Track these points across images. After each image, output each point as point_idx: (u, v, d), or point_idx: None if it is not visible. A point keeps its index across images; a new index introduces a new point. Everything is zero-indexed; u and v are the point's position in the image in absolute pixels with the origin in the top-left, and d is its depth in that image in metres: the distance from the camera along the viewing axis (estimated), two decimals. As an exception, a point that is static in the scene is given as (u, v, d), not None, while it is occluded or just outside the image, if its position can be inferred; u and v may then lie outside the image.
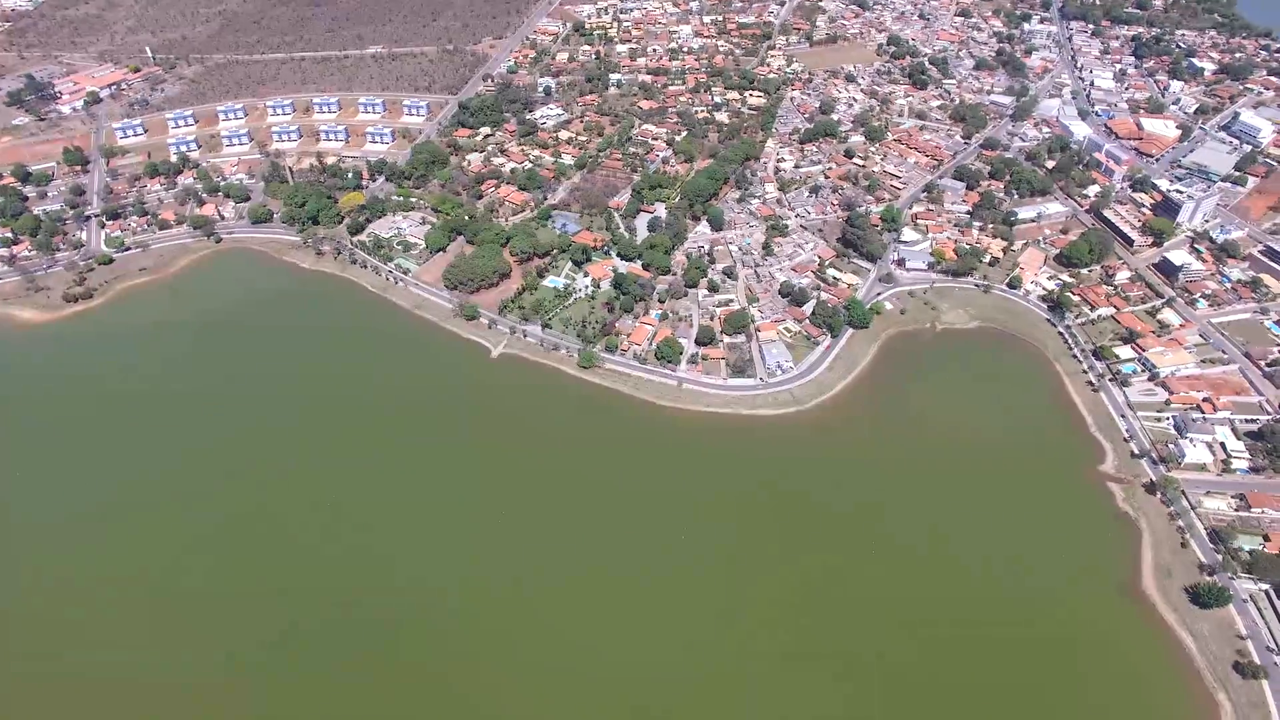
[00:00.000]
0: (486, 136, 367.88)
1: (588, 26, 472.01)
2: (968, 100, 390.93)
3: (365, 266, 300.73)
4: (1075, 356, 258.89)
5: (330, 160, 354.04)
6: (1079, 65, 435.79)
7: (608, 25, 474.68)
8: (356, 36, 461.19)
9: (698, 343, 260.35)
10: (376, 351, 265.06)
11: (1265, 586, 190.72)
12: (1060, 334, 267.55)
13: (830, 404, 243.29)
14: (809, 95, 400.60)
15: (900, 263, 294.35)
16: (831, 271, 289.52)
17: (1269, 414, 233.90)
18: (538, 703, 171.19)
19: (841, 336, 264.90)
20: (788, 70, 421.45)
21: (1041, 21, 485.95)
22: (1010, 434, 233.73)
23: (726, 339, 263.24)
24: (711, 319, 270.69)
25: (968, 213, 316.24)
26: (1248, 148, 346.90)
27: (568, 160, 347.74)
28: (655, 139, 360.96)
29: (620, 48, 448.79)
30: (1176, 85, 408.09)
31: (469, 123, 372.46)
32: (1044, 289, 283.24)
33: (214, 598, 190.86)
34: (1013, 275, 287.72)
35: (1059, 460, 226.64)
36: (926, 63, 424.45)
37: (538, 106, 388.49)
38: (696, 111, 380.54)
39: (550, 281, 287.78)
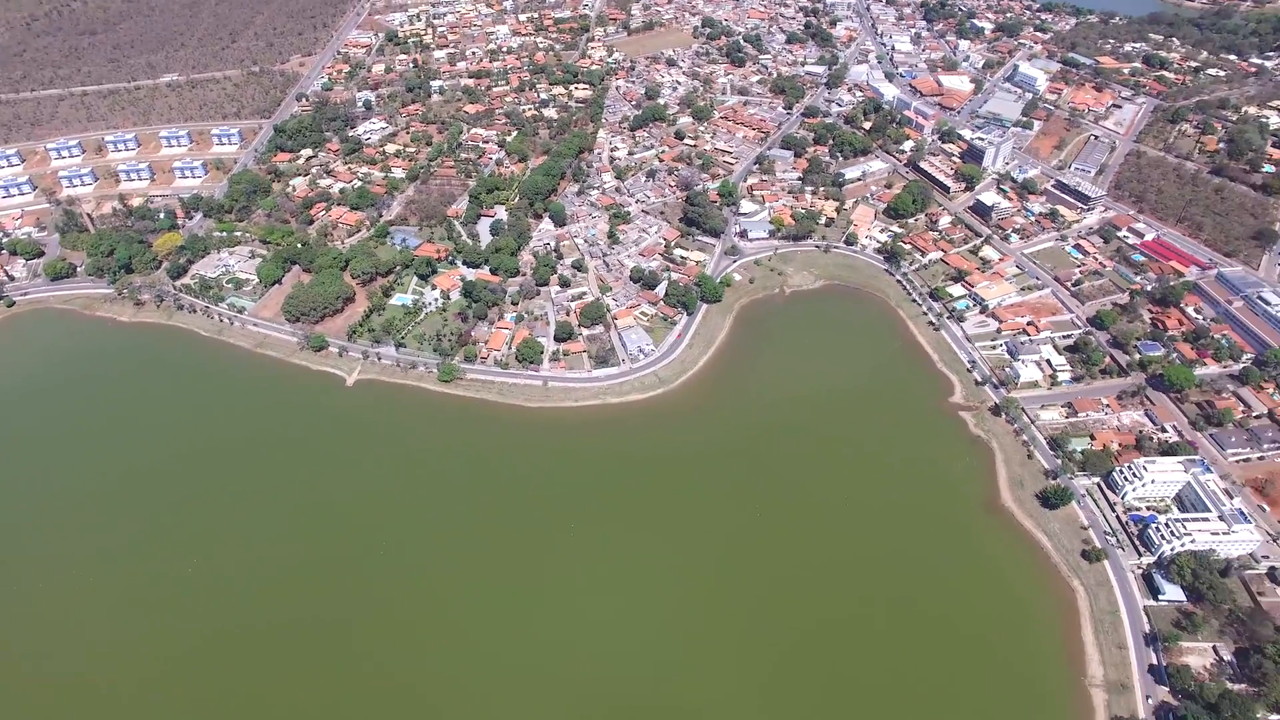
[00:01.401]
0: (309, 159, 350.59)
1: (401, 35, 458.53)
2: (784, 73, 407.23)
3: (195, 311, 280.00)
4: (914, 300, 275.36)
5: (136, 202, 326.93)
6: (880, 32, 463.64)
7: (422, 32, 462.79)
8: (146, 65, 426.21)
9: (557, 339, 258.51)
10: (222, 398, 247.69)
11: (1096, 479, 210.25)
12: (899, 282, 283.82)
13: (696, 380, 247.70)
14: (634, 83, 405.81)
15: (743, 234, 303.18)
16: (678, 251, 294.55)
17: (1079, 328, 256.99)
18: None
19: (697, 313, 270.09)
20: (609, 60, 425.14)
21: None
22: (867, 379, 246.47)
23: (585, 331, 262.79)
24: (568, 314, 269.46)
25: (799, 179, 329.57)
26: (1029, 95, 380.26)
27: (399, 174, 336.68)
28: (486, 142, 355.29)
29: (438, 54, 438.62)
30: (964, 44, 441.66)
31: (287, 146, 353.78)
32: (878, 242, 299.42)
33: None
34: (849, 233, 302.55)
35: (914, 398, 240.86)
36: (741, 41, 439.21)
37: (359, 122, 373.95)
38: (524, 110, 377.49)
39: (398, 299, 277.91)
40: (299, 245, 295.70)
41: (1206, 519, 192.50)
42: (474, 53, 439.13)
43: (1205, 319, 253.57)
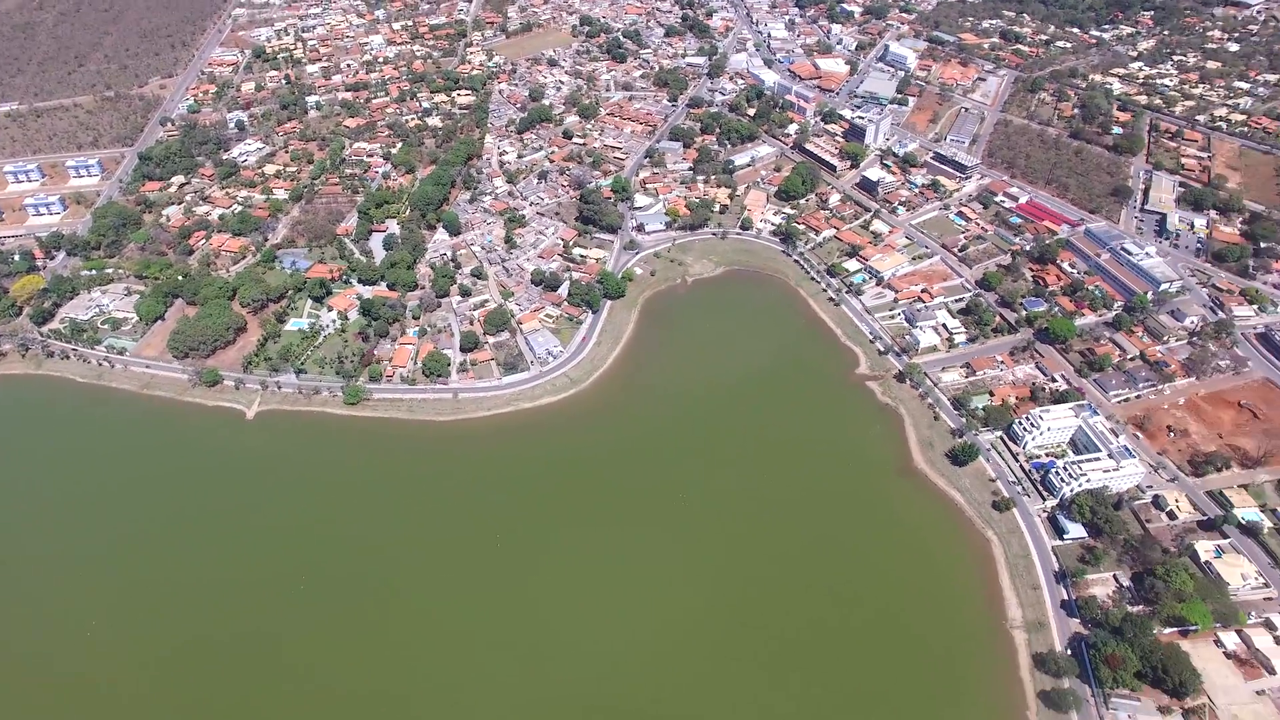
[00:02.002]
0: (182, 186, 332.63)
1: (270, 51, 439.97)
2: (666, 66, 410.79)
3: (68, 357, 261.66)
4: (813, 279, 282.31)
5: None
6: (755, 20, 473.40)
7: (292, 47, 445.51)
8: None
9: (463, 350, 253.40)
10: (111, 445, 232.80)
11: (998, 433, 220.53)
12: (796, 262, 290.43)
13: (608, 376, 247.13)
14: (517, 85, 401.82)
15: (640, 228, 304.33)
16: (578, 250, 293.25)
17: (970, 291, 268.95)
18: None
19: (602, 310, 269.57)
20: (490, 64, 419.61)
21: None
22: (776, 359, 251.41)
23: (491, 339, 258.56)
24: (471, 323, 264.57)
25: (690, 169, 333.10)
26: (901, 73, 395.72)
27: (281, 195, 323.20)
28: (370, 156, 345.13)
29: (311, 68, 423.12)
30: (836, 28, 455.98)
31: (156, 174, 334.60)
32: (773, 224, 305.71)
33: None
34: (743, 218, 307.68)
35: (822, 373, 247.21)
36: (621, 37, 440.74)
37: (233, 144, 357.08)
38: (407, 120, 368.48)
39: (293, 324, 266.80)
40: (180, 277, 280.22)
41: (1098, 459, 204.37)
42: (349, 65, 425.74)
43: (1079, 273, 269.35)
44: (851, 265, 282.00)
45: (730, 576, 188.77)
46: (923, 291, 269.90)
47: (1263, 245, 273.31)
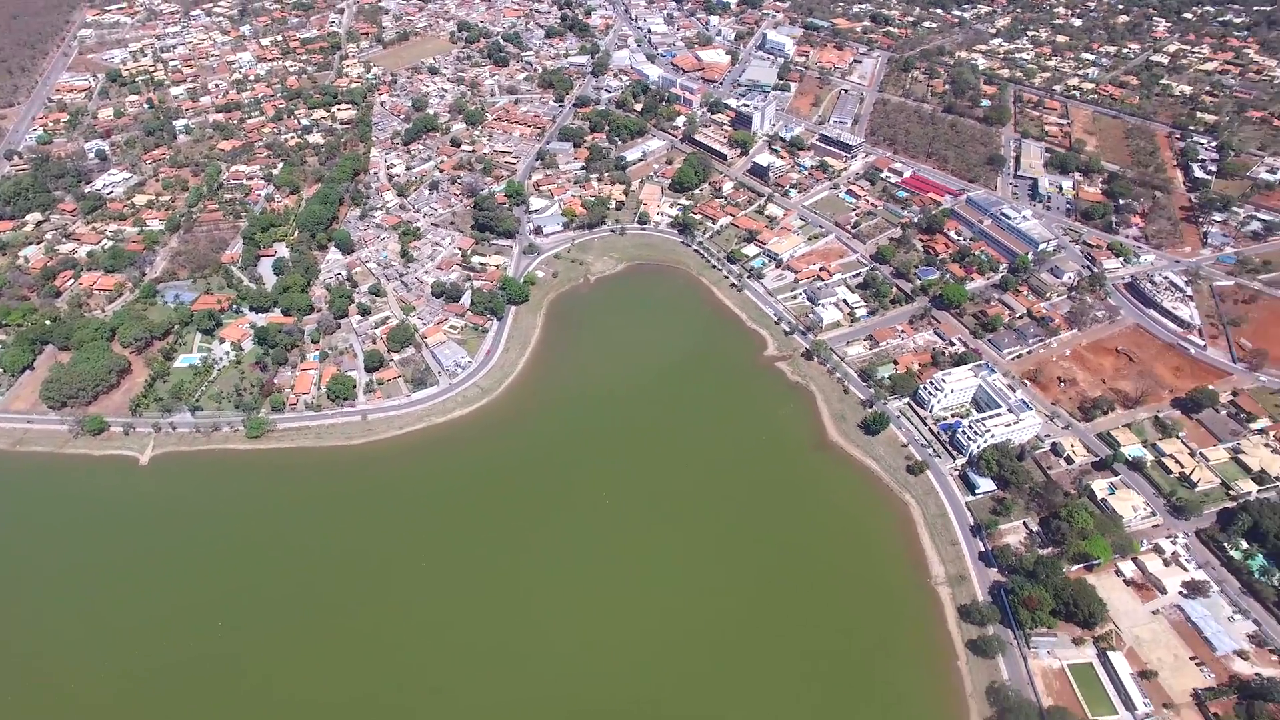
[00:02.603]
0: (39, 224, 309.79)
1: (126, 74, 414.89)
2: (549, 67, 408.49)
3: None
4: (714, 266, 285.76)
5: None
6: (634, 17, 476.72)
7: (151, 68, 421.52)
8: None
9: (368, 370, 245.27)
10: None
11: (906, 399, 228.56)
12: (696, 251, 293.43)
13: (519, 382, 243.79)
14: (399, 96, 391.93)
15: (538, 231, 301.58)
16: (476, 258, 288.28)
17: (866, 266, 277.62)
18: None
19: (507, 317, 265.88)
20: (369, 76, 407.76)
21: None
22: (685, 349, 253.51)
23: (396, 356, 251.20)
24: (374, 342, 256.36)
25: (582, 168, 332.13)
26: (781, 60, 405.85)
27: (156, 226, 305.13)
28: (250, 179, 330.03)
29: (175, 90, 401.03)
30: (714, 20, 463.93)
31: (6, 213, 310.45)
32: (669, 217, 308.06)
33: None
34: (640, 212, 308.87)
35: (732, 358, 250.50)
36: (501, 40, 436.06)
37: (95, 175, 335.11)
38: (287, 139, 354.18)
39: (183, 361, 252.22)
40: (48, 322, 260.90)
41: (1000, 414, 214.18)
42: (218, 85, 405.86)
43: (965, 239, 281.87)
44: (750, 250, 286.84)
45: (664, 565, 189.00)
46: (821, 270, 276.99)
47: (1121, 202, 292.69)
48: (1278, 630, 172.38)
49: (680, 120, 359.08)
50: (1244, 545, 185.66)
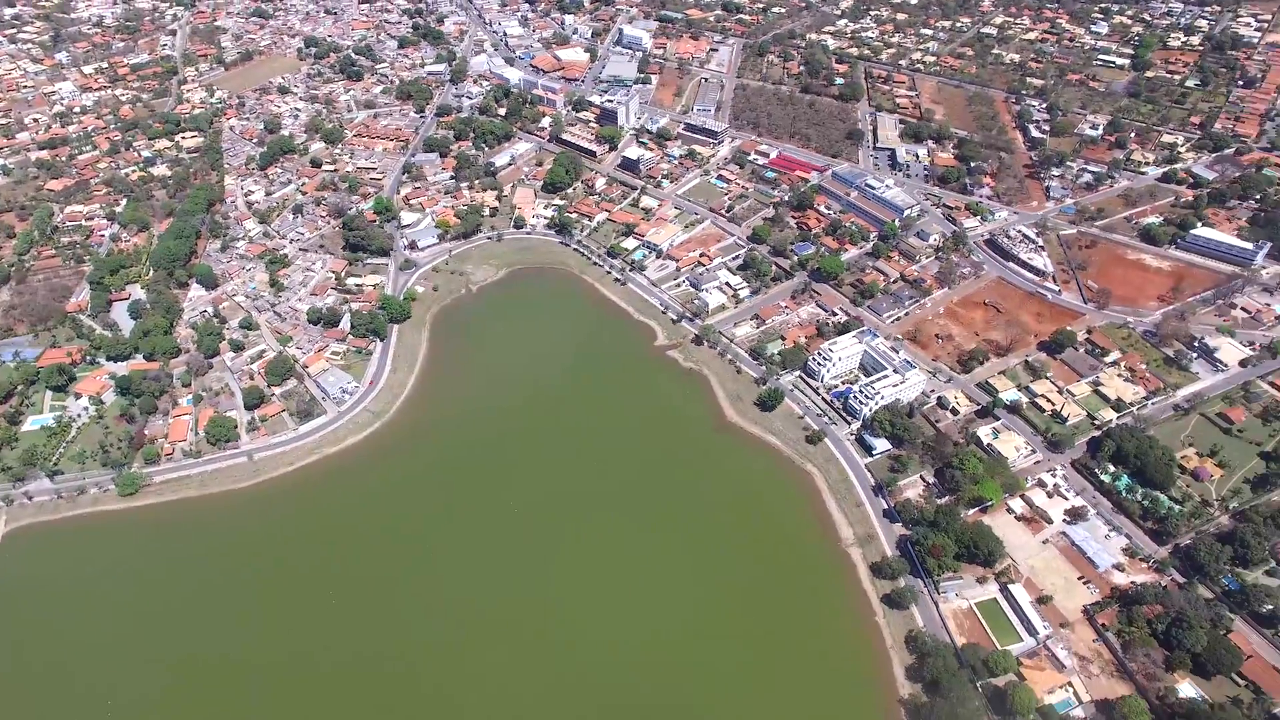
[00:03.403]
0: None
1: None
2: (406, 78, 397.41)
3: None
4: (596, 263, 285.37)
5: None
6: (488, 21, 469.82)
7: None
8: None
9: (249, 407, 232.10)
10: None
11: (797, 373, 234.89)
12: (576, 250, 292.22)
13: (411, 402, 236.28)
14: (249, 119, 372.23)
15: (413, 245, 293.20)
16: (352, 280, 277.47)
17: (744, 247, 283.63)
18: None
19: (390, 336, 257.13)
20: (213, 101, 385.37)
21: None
22: (576, 347, 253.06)
23: (278, 390, 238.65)
24: (252, 378, 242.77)
25: (452, 178, 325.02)
26: (639, 54, 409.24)
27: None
28: (90, 219, 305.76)
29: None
30: (569, 18, 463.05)
31: None
32: (545, 218, 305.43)
33: None
34: (515, 217, 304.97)
35: (623, 352, 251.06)
36: (353, 54, 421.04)
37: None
38: (128, 173, 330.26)
39: (33, 422, 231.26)
40: None
41: (886, 376, 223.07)
42: (36, 119, 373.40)
43: (835, 213, 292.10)
44: (630, 244, 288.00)
45: (585, 563, 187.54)
46: (701, 256, 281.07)
47: (972, 165, 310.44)
48: (1145, 540, 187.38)
49: (546, 121, 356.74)
50: (1111, 469, 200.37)
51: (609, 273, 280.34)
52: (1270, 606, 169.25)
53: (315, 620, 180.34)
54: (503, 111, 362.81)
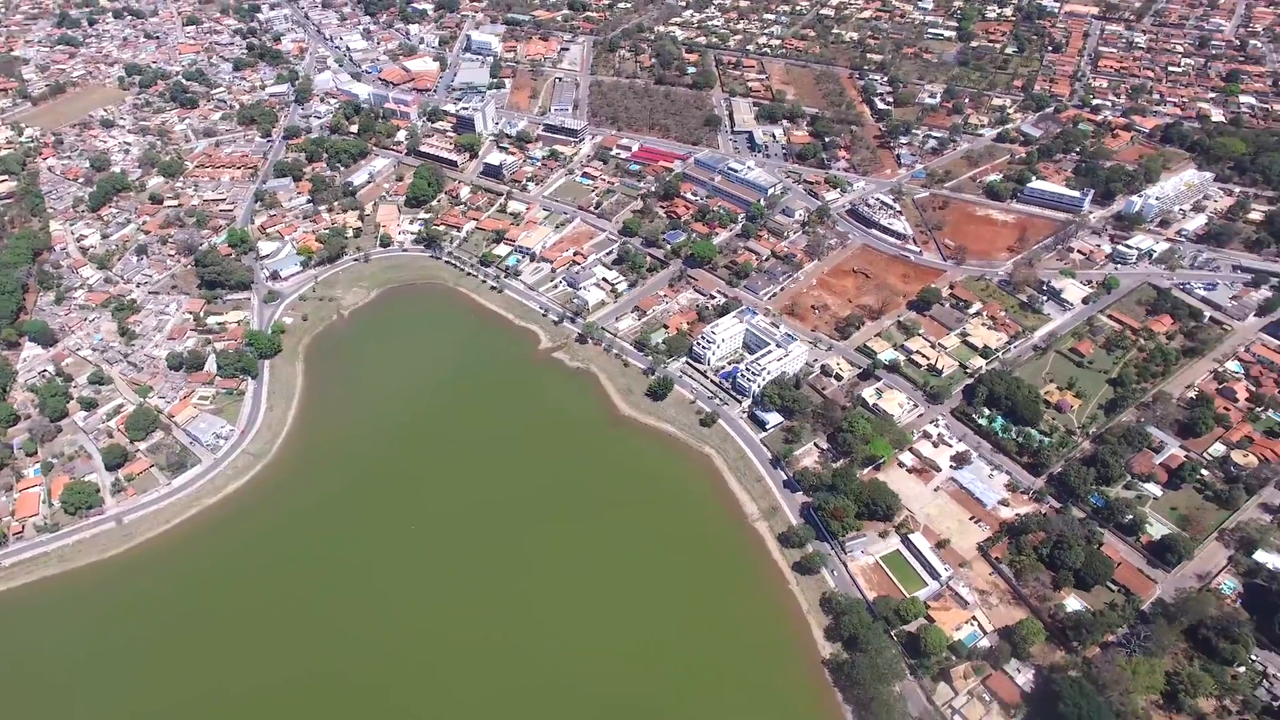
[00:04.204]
0: None
1: None
2: (246, 102, 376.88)
3: None
4: (470, 274, 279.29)
5: None
6: (328, 36, 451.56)
7: None
8: None
9: (110, 468, 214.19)
10: None
11: (683, 359, 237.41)
12: (448, 263, 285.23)
13: (293, 438, 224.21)
14: (70, 158, 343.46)
15: (275, 276, 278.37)
16: (212, 319, 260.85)
17: (616, 242, 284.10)
18: None
19: (262, 373, 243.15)
20: (24, 140, 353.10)
21: (273, 8, 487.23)
22: (459, 360, 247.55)
23: (142, 445, 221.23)
24: (111, 435, 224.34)
25: (309, 201, 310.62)
26: (490, 58, 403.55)
27: None
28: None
29: None
30: (414, 28, 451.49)
31: None
32: (412, 234, 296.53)
33: None
34: (381, 235, 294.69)
35: (508, 359, 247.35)
36: (183, 80, 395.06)
37: None
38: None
39: None
40: None
41: (770, 351, 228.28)
42: None
43: (701, 198, 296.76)
44: (502, 250, 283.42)
45: (492, 574, 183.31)
46: (575, 255, 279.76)
47: (827, 140, 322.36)
48: (1023, 474, 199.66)
49: (402, 134, 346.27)
50: (986, 412, 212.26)
51: (484, 282, 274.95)
52: (1130, 517, 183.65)
53: (210, 684, 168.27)
54: (355, 129, 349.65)
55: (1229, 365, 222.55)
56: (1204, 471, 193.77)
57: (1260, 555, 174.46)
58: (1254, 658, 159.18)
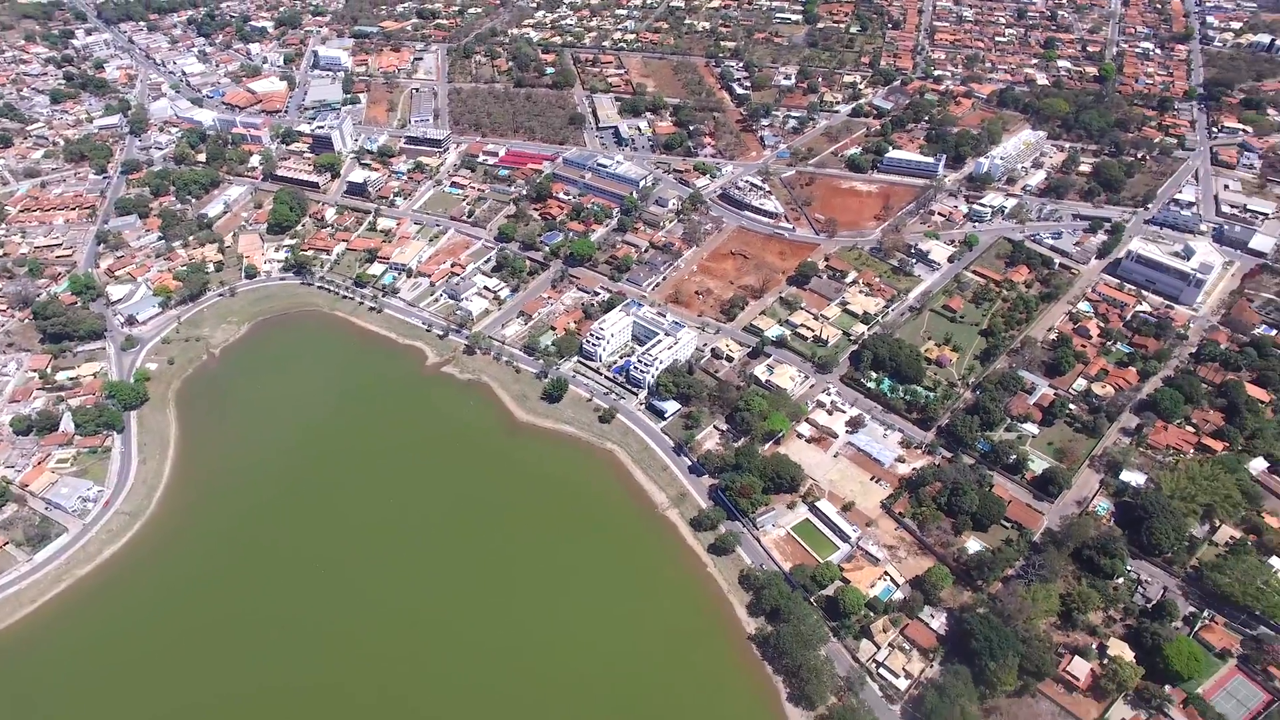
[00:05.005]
0: None
1: None
2: (72, 136, 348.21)
3: None
4: (346, 297, 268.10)
5: None
6: (160, 61, 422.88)
7: None
8: None
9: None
10: None
11: (575, 358, 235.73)
12: (321, 288, 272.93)
13: (173, 490, 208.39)
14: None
15: (131, 321, 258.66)
16: (62, 374, 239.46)
17: (493, 248, 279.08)
18: None
19: (129, 426, 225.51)
20: None
21: (90, 34, 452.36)
22: (344, 386, 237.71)
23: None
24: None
25: (160, 238, 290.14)
26: (341, 74, 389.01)
27: None
28: None
29: None
30: (255, 47, 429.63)
31: None
32: (279, 261, 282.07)
33: None
34: (245, 266, 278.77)
35: (396, 379, 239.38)
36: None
37: None
38: None
39: None
40: None
41: (659, 341, 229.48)
42: None
43: (574, 197, 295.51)
44: (377, 269, 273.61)
45: (409, 600, 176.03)
46: (454, 266, 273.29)
47: (691, 129, 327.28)
48: (914, 430, 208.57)
49: (255, 160, 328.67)
50: (873, 375, 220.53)
51: (361, 303, 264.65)
52: (1014, 457, 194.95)
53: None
54: (203, 157, 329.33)
55: (1080, 306, 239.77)
56: (1071, 406, 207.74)
57: (1125, 475, 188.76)
58: (1129, 568, 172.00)
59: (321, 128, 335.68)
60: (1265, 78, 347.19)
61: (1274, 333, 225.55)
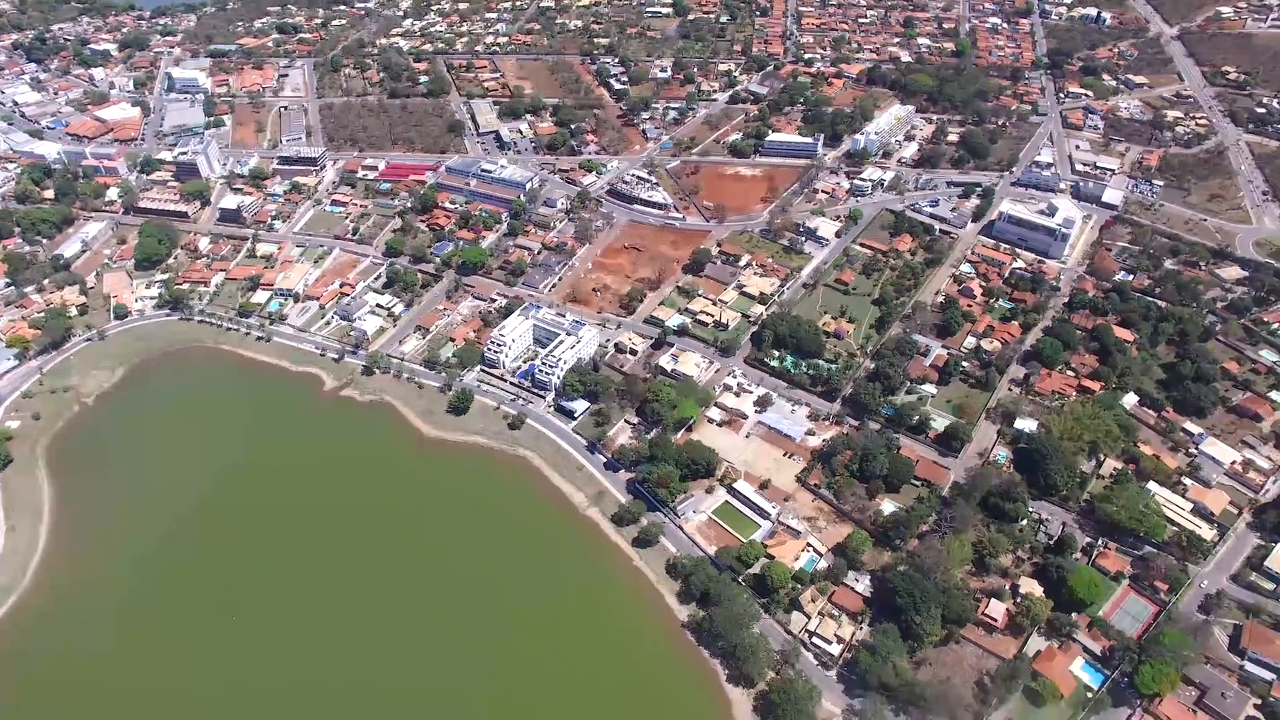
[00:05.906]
0: None
1: None
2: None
3: None
4: (230, 329, 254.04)
5: None
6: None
7: None
8: None
9: None
10: None
11: (477, 367, 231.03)
12: (202, 322, 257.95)
13: (53, 559, 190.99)
14: None
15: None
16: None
17: (382, 264, 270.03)
18: None
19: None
20: None
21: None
22: (237, 425, 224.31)
23: None
24: None
25: (9, 285, 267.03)
26: (201, 96, 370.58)
27: None
28: None
29: None
30: (98, 72, 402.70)
31: None
32: (152, 298, 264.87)
33: None
34: (114, 306, 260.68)
35: (290, 407, 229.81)
36: None
37: None
38: None
39: None
40: None
41: (561, 342, 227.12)
42: None
43: (460, 205, 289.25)
44: (261, 297, 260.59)
45: (335, 637, 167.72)
46: (343, 286, 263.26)
47: (573, 127, 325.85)
48: (820, 403, 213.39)
49: (113, 192, 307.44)
50: (776, 354, 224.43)
51: (248, 334, 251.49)
52: (917, 418, 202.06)
53: None
54: (50, 194, 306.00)
55: (962, 268, 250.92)
56: (964, 364, 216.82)
57: (1019, 423, 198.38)
58: (1031, 510, 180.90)
59: (185, 154, 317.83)
60: (1098, 46, 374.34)
61: (1131, 277, 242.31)
